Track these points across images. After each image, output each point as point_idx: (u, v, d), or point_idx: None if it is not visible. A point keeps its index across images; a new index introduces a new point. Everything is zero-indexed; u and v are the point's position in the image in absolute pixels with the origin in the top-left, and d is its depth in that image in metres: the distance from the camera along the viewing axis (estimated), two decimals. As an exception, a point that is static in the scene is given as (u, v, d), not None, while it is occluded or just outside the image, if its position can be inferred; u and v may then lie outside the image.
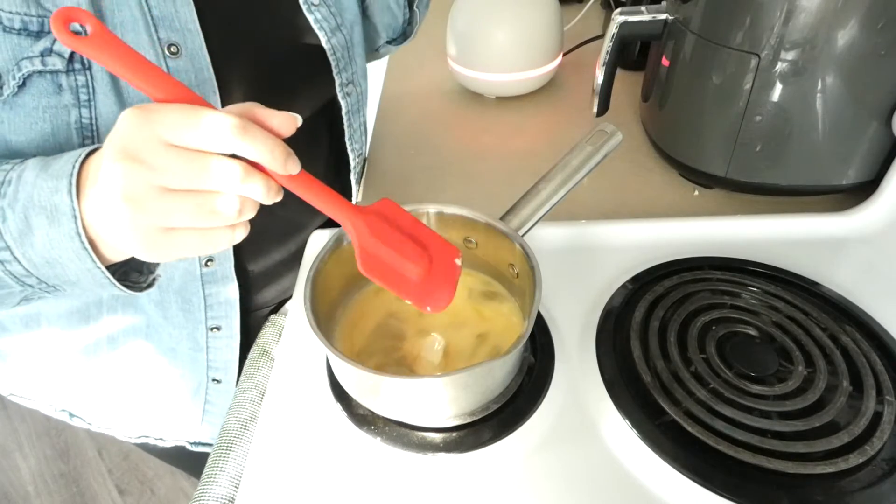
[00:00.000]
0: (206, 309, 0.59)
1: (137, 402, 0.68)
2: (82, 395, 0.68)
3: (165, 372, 0.64)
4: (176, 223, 0.33)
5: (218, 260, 0.57)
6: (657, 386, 0.45)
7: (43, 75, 0.40)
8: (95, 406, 0.69)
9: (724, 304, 0.51)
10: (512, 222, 0.48)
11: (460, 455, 0.43)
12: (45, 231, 0.37)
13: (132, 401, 0.68)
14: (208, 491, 0.48)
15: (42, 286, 0.41)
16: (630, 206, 0.69)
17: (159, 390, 0.66)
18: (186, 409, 0.68)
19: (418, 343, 0.48)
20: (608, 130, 0.51)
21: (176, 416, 0.69)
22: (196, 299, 0.58)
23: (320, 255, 0.46)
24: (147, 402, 0.68)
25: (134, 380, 0.65)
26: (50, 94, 0.41)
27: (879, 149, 0.62)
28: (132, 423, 0.71)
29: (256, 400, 0.54)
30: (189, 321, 0.59)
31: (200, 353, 0.62)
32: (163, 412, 0.69)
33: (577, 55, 0.99)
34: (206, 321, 0.60)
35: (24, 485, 1.58)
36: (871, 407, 0.43)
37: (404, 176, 0.77)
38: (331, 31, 0.58)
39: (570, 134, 0.82)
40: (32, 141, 0.42)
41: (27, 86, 0.41)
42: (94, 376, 0.65)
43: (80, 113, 0.42)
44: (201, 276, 0.57)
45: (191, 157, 0.32)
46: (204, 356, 0.63)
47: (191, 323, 0.59)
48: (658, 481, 0.41)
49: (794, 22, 0.55)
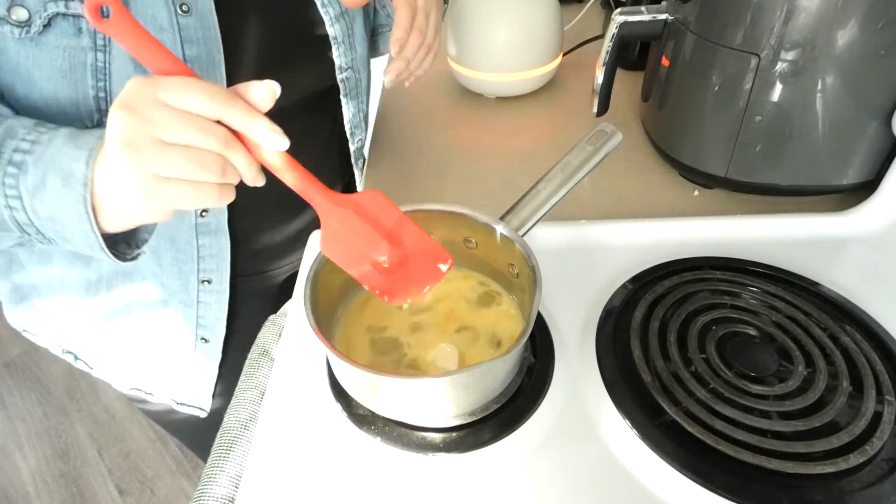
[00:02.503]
0: (199, 261, 0.61)
1: (131, 351, 0.71)
2: (85, 337, 0.70)
3: (157, 324, 0.67)
4: (168, 172, 0.37)
5: (212, 212, 0.60)
6: (657, 386, 0.45)
7: (66, 18, 0.45)
8: (96, 350, 0.72)
9: (724, 304, 0.51)
10: (512, 222, 0.48)
11: (460, 455, 0.43)
12: (57, 191, 0.41)
13: (127, 348, 0.71)
14: (208, 491, 0.48)
15: (39, 237, 0.45)
16: (630, 206, 0.69)
17: (151, 342, 0.69)
18: (175, 365, 0.71)
19: (430, 351, 0.48)
20: (608, 130, 0.51)
21: (165, 371, 0.73)
22: (189, 248, 0.60)
23: (320, 256, 0.46)
24: (140, 351, 0.71)
25: (128, 327, 0.68)
26: (70, 36, 0.46)
27: (879, 149, 0.62)
28: (127, 373, 0.74)
29: (256, 400, 0.54)
30: (182, 272, 0.62)
31: (191, 308, 0.65)
32: (153, 365, 0.72)
33: (577, 55, 0.99)
34: (198, 273, 0.62)
35: (24, 485, 1.58)
36: (871, 407, 0.43)
37: (404, 176, 0.77)
38: (335, 16, 0.62)
39: (570, 134, 0.82)
40: (52, 77, 0.47)
41: (51, 26, 0.45)
42: (93, 319, 0.67)
43: (95, 56, 0.47)
44: (196, 225, 0.60)
45: (182, 115, 0.36)
46: (194, 312, 0.66)
47: (183, 274, 0.62)
48: (658, 481, 0.41)
49: (794, 22, 0.55)
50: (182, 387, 0.74)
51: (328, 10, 0.61)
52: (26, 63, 0.46)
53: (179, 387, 0.74)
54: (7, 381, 1.84)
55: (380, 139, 0.85)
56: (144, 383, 0.75)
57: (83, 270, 0.63)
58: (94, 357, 0.73)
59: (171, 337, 0.69)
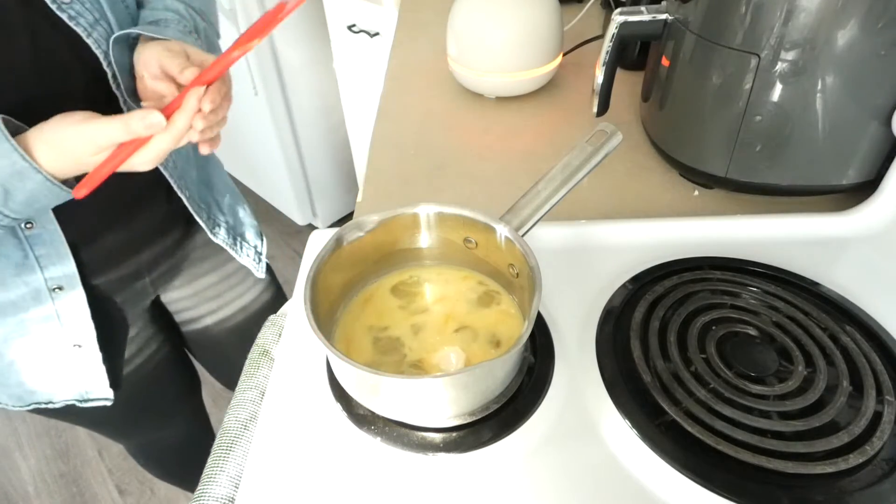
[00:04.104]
0: (42, 270, 0.65)
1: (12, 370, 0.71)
2: None
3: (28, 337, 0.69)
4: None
5: (39, 222, 0.62)
6: (657, 386, 0.45)
7: None
8: None
9: (724, 304, 0.51)
10: (512, 222, 0.48)
11: (460, 455, 0.43)
12: (22, 187, 0.51)
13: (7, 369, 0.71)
14: (208, 491, 0.48)
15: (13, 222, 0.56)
16: (630, 206, 0.69)
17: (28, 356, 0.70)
18: (59, 372, 0.73)
19: (435, 353, 0.48)
20: (608, 130, 0.51)
21: (52, 379, 0.73)
22: (27, 261, 0.64)
23: (320, 256, 0.46)
24: (20, 368, 0.71)
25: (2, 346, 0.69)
26: None
27: (879, 149, 0.62)
28: (17, 394, 0.74)
29: (256, 400, 0.54)
30: (28, 283, 0.65)
31: (51, 318, 0.68)
32: (38, 377, 0.73)
33: (577, 55, 0.99)
34: (46, 282, 0.65)
35: (24, 485, 1.58)
36: (871, 407, 0.43)
37: (404, 176, 0.77)
38: (90, 25, 0.58)
39: (570, 134, 0.82)
40: None
41: None
42: None
43: None
44: (26, 238, 0.63)
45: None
46: (56, 321, 0.68)
47: (30, 285, 0.65)
48: (658, 481, 0.41)
49: (794, 22, 0.55)
50: (76, 388, 0.75)
51: (80, 21, 0.57)
52: None
53: (73, 388, 0.75)
54: (7, 381, 1.84)
55: (380, 140, 0.85)
56: (39, 397, 0.75)
57: None
58: None
59: (46, 347, 0.70)
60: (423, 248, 0.53)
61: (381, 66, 1.13)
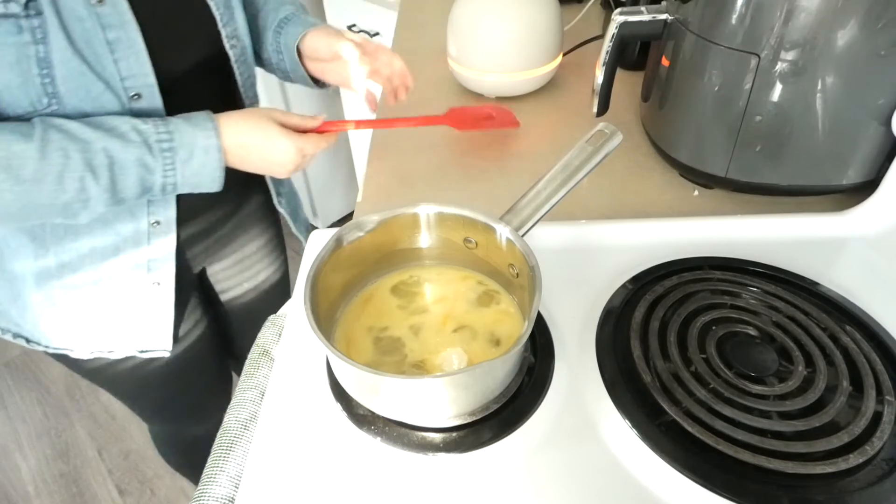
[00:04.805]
0: (149, 203, 0.69)
1: (86, 311, 0.74)
2: (35, 311, 0.74)
3: (109, 276, 0.72)
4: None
5: None
6: (657, 386, 0.45)
7: (7, 18, 0.53)
8: (48, 323, 0.75)
9: (724, 304, 0.51)
10: (512, 222, 0.48)
11: (460, 455, 0.43)
12: (202, 158, 0.62)
13: (81, 309, 0.74)
14: (208, 491, 0.48)
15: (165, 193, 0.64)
16: (630, 206, 0.69)
17: (105, 296, 0.74)
18: (131, 315, 0.76)
19: (437, 354, 0.48)
20: (608, 130, 0.51)
21: (122, 323, 0.77)
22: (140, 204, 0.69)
23: (320, 256, 0.46)
24: (95, 309, 0.75)
25: (81, 285, 0.72)
26: (13, 33, 0.54)
27: (879, 149, 0.62)
28: (84, 337, 0.77)
29: (256, 400, 0.54)
30: (134, 215, 0.69)
31: (142, 253, 0.72)
32: (110, 320, 0.76)
33: (577, 55, 0.99)
34: (148, 215, 0.70)
35: (24, 485, 1.58)
36: (871, 407, 0.43)
37: (404, 176, 0.77)
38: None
39: (570, 134, 0.82)
40: (2, 69, 0.55)
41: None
42: (43, 284, 0.71)
43: (37, 49, 0.55)
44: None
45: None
46: (145, 257, 0.72)
47: (135, 217, 0.69)
48: (658, 481, 0.41)
49: (794, 22, 0.55)
50: (141, 334, 0.79)
51: None
52: None
53: (139, 335, 0.79)
54: (7, 381, 1.84)
55: (380, 140, 0.85)
56: (103, 342, 0.78)
57: (27, 240, 0.67)
58: (47, 332, 0.76)
59: (125, 287, 0.74)
60: (423, 248, 0.53)
61: (381, 66, 1.13)
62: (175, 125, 0.61)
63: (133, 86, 0.61)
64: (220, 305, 1.02)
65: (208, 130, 0.62)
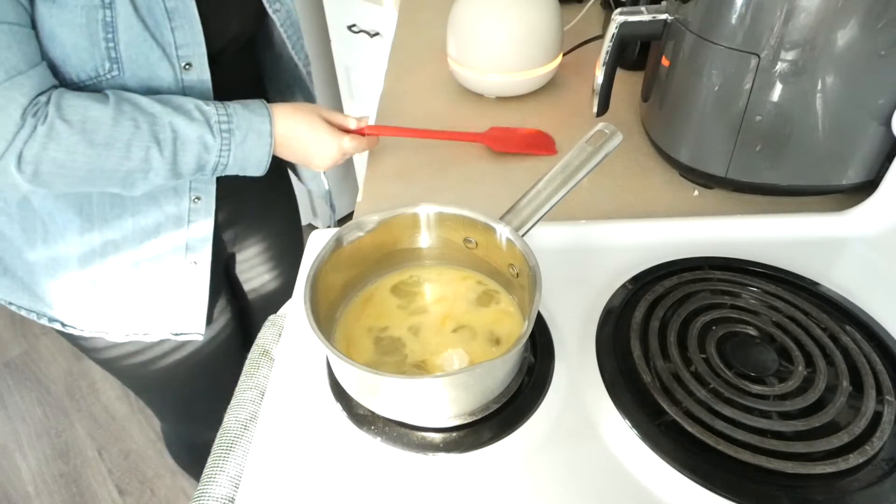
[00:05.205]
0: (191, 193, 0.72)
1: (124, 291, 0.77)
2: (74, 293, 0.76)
3: (148, 256, 0.74)
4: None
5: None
6: (657, 386, 0.45)
7: None
8: (86, 306, 0.77)
9: (724, 304, 0.51)
10: (512, 222, 0.48)
11: (460, 455, 0.43)
12: (255, 142, 0.66)
13: (119, 290, 0.76)
14: (208, 491, 0.48)
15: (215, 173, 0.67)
16: (630, 206, 0.69)
17: (143, 276, 0.76)
18: (167, 295, 0.79)
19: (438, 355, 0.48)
20: (608, 130, 0.51)
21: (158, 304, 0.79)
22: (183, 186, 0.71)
23: (320, 256, 0.46)
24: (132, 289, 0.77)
25: (120, 265, 0.74)
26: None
27: (879, 149, 0.62)
28: (121, 319, 0.79)
29: (256, 400, 0.54)
30: (177, 191, 0.71)
31: (182, 230, 0.74)
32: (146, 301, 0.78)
33: (577, 55, 0.99)
34: (190, 191, 0.72)
35: (24, 485, 1.58)
36: (871, 407, 0.43)
37: (404, 176, 0.77)
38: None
39: (570, 134, 0.82)
40: (73, 31, 0.58)
41: None
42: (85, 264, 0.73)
43: (104, 13, 0.58)
44: None
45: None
46: (185, 235, 0.74)
47: (178, 193, 0.72)
48: (658, 481, 0.41)
49: (794, 22, 0.55)
50: (177, 316, 0.81)
51: None
52: (50, 22, 0.57)
53: (174, 316, 0.81)
54: (7, 381, 1.84)
55: (380, 139, 0.84)
56: (139, 324, 0.80)
57: (74, 215, 0.69)
58: (83, 315, 0.77)
59: (163, 267, 0.76)
60: (423, 248, 0.53)
61: (381, 66, 1.13)
62: (234, 109, 0.65)
63: (186, 55, 0.64)
64: (244, 296, 1.03)
65: (263, 116, 0.66)
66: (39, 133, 0.56)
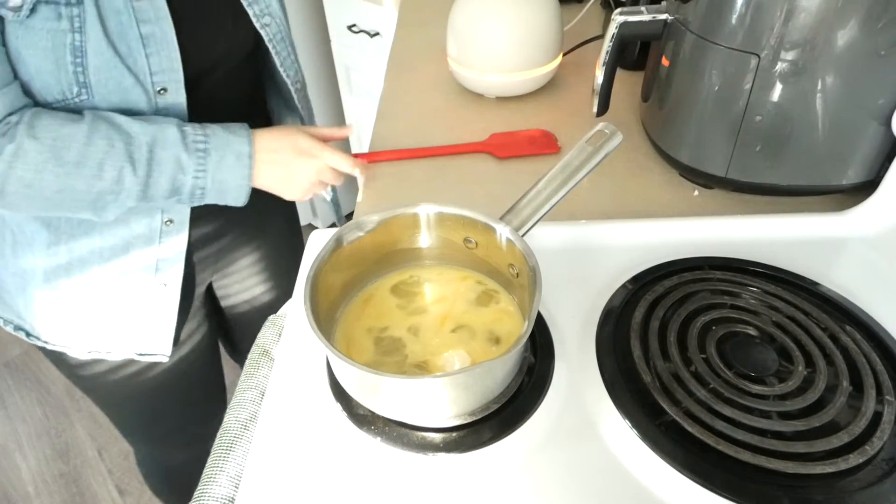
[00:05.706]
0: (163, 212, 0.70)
1: (89, 309, 0.74)
2: (38, 305, 0.74)
3: (116, 275, 0.72)
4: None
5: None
6: (657, 386, 0.45)
7: (48, 4, 0.55)
8: (50, 318, 0.75)
9: (724, 304, 0.51)
10: (512, 222, 0.48)
11: (460, 455, 0.43)
12: (232, 163, 0.64)
13: (85, 307, 0.74)
14: (208, 491, 0.48)
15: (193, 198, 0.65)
16: (630, 206, 0.69)
17: (109, 295, 0.73)
18: (133, 316, 0.76)
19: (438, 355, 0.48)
20: (608, 130, 0.51)
21: (124, 324, 0.76)
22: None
23: (320, 256, 0.46)
24: (98, 307, 0.74)
25: (87, 282, 0.72)
26: (52, 20, 0.55)
27: (879, 149, 0.62)
28: (84, 335, 0.76)
29: (256, 400, 0.54)
30: (149, 212, 0.69)
31: (152, 252, 0.72)
32: (112, 320, 0.76)
33: (577, 55, 0.99)
34: (162, 213, 0.70)
35: (24, 485, 1.58)
36: (871, 407, 0.43)
37: (404, 176, 0.77)
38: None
39: (570, 134, 0.82)
40: (37, 54, 0.56)
41: (36, 11, 0.54)
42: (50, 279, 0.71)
43: (73, 37, 0.56)
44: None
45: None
46: (155, 257, 0.72)
47: (150, 213, 0.69)
48: (658, 481, 0.41)
49: (794, 22, 0.55)
50: (142, 336, 0.78)
51: None
52: (16, 43, 0.56)
53: (139, 337, 0.78)
54: (7, 381, 1.84)
55: (380, 140, 0.85)
56: (102, 342, 0.77)
57: (41, 226, 0.68)
58: (47, 328, 0.75)
59: (131, 286, 0.73)
60: (422, 248, 0.53)
61: (381, 66, 1.13)
62: (213, 130, 0.64)
63: (161, 81, 0.62)
64: (223, 314, 1.00)
65: (242, 138, 0.64)
66: (7, 152, 0.55)
